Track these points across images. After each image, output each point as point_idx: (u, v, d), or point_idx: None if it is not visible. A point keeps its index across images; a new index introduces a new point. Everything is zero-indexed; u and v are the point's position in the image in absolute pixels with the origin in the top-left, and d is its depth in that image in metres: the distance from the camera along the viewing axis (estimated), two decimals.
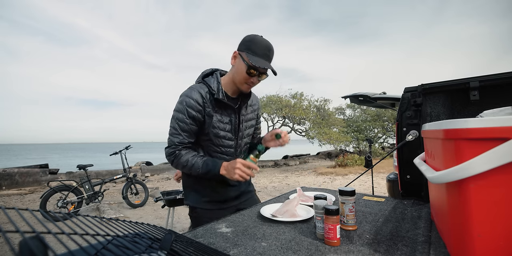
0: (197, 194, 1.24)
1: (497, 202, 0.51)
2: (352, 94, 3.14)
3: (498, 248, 0.51)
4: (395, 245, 0.74)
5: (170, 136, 1.14)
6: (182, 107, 1.11)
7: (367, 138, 5.03)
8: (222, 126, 1.18)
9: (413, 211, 1.05)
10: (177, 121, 1.12)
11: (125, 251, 0.36)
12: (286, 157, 14.16)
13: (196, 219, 1.25)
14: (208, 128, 1.15)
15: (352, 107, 15.13)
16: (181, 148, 1.13)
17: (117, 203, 4.88)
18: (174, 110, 1.15)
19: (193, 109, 1.11)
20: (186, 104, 1.11)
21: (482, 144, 0.50)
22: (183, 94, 1.14)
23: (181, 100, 1.13)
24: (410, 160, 1.13)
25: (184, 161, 1.11)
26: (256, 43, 1.09)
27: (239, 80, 1.14)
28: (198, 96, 1.12)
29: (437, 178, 0.59)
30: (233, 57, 1.15)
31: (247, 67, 1.09)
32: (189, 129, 1.13)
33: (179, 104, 1.13)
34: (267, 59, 1.11)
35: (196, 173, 1.11)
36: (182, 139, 1.12)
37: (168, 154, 1.14)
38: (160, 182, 7.57)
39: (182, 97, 1.13)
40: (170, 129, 1.15)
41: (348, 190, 0.88)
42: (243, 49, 1.10)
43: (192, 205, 1.25)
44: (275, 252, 0.71)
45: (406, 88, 1.34)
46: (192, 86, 1.17)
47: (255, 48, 1.08)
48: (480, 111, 0.88)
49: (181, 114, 1.11)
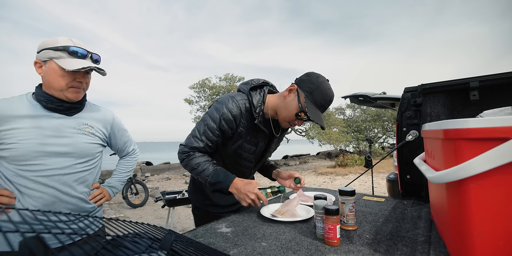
0: (201, 196, 1.24)
1: (497, 202, 0.51)
2: (352, 94, 3.14)
3: (498, 248, 0.51)
4: (395, 245, 0.74)
5: (192, 138, 1.08)
6: (217, 117, 1.04)
7: (367, 138, 5.02)
8: (247, 148, 1.12)
9: (413, 211, 1.05)
10: (206, 127, 1.06)
11: (125, 251, 0.36)
12: (286, 157, 14.16)
13: (198, 217, 1.28)
14: (234, 145, 1.10)
15: (352, 107, 15.14)
16: (197, 151, 1.08)
17: (117, 203, 4.88)
18: (207, 114, 1.08)
19: (227, 123, 1.04)
20: (222, 116, 1.03)
21: (482, 144, 0.50)
22: (223, 102, 1.06)
23: (218, 108, 1.05)
24: (410, 160, 1.13)
25: (195, 164, 1.05)
26: (321, 91, 1.00)
27: (283, 117, 1.07)
28: (237, 111, 1.04)
29: (437, 178, 0.59)
30: (289, 89, 1.05)
31: (299, 110, 1.01)
32: (215, 140, 1.07)
33: (215, 111, 1.05)
34: (323, 110, 1.04)
35: (203, 179, 1.05)
36: (202, 147, 1.07)
37: (182, 152, 1.09)
38: (160, 182, 7.57)
39: (221, 105, 1.05)
40: (194, 131, 1.09)
41: (348, 190, 0.88)
42: (304, 89, 1.01)
43: (196, 204, 1.26)
44: (275, 252, 0.71)
45: (406, 88, 1.34)
46: (234, 96, 1.08)
47: (317, 97, 0.99)
48: (480, 111, 0.88)
49: (213, 123, 1.04)
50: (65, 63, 0.87)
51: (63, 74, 0.88)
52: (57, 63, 0.87)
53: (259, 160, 1.25)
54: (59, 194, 0.91)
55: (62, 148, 0.91)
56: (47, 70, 0.89)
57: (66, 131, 0.94)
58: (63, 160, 0.92)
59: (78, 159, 0.96)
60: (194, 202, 1.28)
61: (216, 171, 1.03)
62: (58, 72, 0.88)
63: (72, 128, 0.95)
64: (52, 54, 0.88)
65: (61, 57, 0.88)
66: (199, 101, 11.74)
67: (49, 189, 0.89)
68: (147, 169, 9.41)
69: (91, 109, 1.05)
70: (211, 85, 11.20)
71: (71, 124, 0.96)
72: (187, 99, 11.70)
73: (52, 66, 0.88)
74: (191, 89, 11.60)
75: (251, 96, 1.08)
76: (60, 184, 0.91)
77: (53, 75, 0.88)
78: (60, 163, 0.91)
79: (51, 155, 0.90)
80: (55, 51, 0.88)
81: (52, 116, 0.92)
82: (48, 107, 0.91)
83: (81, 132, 0.97)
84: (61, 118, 0.94)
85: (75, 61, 0.89)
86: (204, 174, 1.04)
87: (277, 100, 1.09)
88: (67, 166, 0.93)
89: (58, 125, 0.92)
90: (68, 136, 0.94)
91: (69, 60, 0.89)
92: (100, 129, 1.05)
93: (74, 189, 0.95)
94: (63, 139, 0.92)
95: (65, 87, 0.90)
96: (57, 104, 0.92)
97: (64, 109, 0.94)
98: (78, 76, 0.91)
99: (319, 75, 1.05)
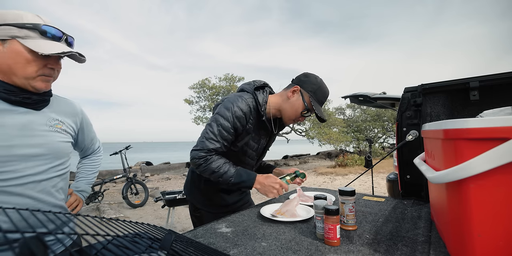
0: (203, 196, 1.25)
1: (497, 202, 0.51)
2: (352, 94, 3.14)
3: (498, 248, 0.51)
4: (395, 245, 0.74)
5: (206, 140, 1.07)
6: (230, 115, 1.07)
7: (367, 138, 5.03)
8: (252, 145, 1.18)
9: (413, 211, 1.05)
10: (220, 127, 1.07)
11: (125, 251, 0.36)
12: (286, 157, 14.16)
13: (199, 219, 1.27)
14: (241, 143, 1.14)
15: (352, 107, 15.14)
16: (214, 154, 1.09)
17: (117, 203, 4.87)
18: (218, 114, 1.09)
19: (240, 121, 1.08)
20: (235, 114, 1.07)
21: (482, 144, 0.50)
22: (232, 101, 1.10)
23: (229, 108, 1.08)
24: (410, 160, 1.13)
25: (216, 167, 1.05)
26: (322, 90, 1.13)
27: (289, 115, 1.15)
28: (248, 109, 1.10)
29: (437, 178, 0.59)
30: (292, 90, 1.13)
31: (304, 108, 1.12)
32: (230, 139, 1.10)
33: (227, 110, 1.08)
34: (322, 104, 1.17)
35: (226, 181, 1.07)
36: (219, 147, 1.08)
37: (198, 157, 1.06)
38: (160, 182, 7.57)
39: (231, 104, 1.09)
40: (207, 133, 1.08)
41: (348, 190, 0.88)
42: (307, 90, 1.11)
43: (196, 206, 1.26)
44: (275, 252, 0.71)
45: (406, 88, 1.34)
46: (242, 95, 1.13)
47: (319, 96, 1.12)
48: (480, 111, 0.88)
49: (227, 122, 1.07)
50: (36, 44, 0.70)
51: (32, 59, 0.71)
52: (23, 44, 0.69)
53: (259, 158, 1.29)
54: (38, 205, 0.76)
55: (33, 150, 0.75)
56: (7, 51, 0.69)
57: (36, 129, 0.77)
58: (36, 163, 0.76)
59: (54, 161, 0.81)
60: (194, 203, 1.27)
61: (237, 171, 1.08)
62: (25, 55, 0.70)
63: (42, 125, 0.79)
64: (16, 32, 0.68)
65: (29, 36, 0.70)
66: (199, 101, 11.74)
67: (25, 199, 0.73)
68: (147, 169, 9.41)
69: (58, 101, 0.88)
70: (211, 85, 11.19)
71: (40, 120, 0.79)
72: (187, 99, 11.70)
73: (15, 47, 0.69)
74: (191, 89, 11.60)
75: (256, 95, 1.14)
76: (37, 193, 0.76)
77: (17, 58, 0.69)
78: (33, 168, 0.75)
79: (21, 159, 0.73)
80: (20, 29, 0.69)
81: (17, 111, 0.74)
82: (9, 100, 0.72)
83: (53, 129, 0.81)
84: (28, 114, 0.76)
85: (49, 43, 0.72)
86: (227, 175, 1.06)
87: (279, 100, 1.17)
88: (42, 171, 0.77)
89: (26, 122, 0.75)
90: (38, 135, 0.77)
91: (41, 41, 0.71)
92: (70, 125, 0.89)
93: (54, 196, 0.81)
94: (34, 138, 0.76)
95: (34, 74, 0.72)
96: (23, 96, 0.74)
97: (32, 102, 0.76)
98: (50, 61, 0.74)
99: (315, 75, 1.15)
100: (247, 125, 1.11)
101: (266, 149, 1.31)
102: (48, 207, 0.80)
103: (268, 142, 1.28)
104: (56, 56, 0.75)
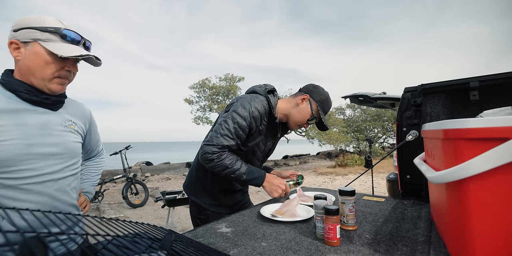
0: (210, 196, 1.25)
1: (497, 202, 0.51)
2: (352, 94, 3.14)
3: (498, 248, 0.51)
4: (395, 245, 0.74)
5: (221, 137, 1.07)
6: (247, 115, 1.10)
7: (367, 138, 5.03)
8: (261, 146, 1.23)
9: (413, 211, 1.05)
10: (236, 125, 1.09)
11: (125, 251, 0.36)
12: (286, 157, 14.16)
13: (204, 221, 1.23)
14: (252, 143, 1.17)
15: (352, 107, 15.14)
16: (227, 150, 1.10)
17: (117, 203, 4.87)
18: (235, 112, 1.10)
19: (255, 121, 1.12)
20: (252, 114, 1.10)
21: (482, 144, 0.50)
22: (250, 101, 1.13)
23: (247, 107, 1.11)
24: (410, 160, 1.13)
25: (229, 163, 1.07)
26: (328, 101, 1.23)
27: (296, 121, 1.21)
28: (263, 111, 1.14)
29: (437, 178, 0.59)
30: (302, 98, 1.19)
31: (312, 116, 1.19)
32: (244, 138, 1.12)
33: (244, 109, 1.10)
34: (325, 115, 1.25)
35: (238, 178, 1.10)
36: (233, 145, 1.10)
37: (211, 152, 1.06)
38: (160, 182, 7.57)
39: (249, 104, 1.12)
40: (223, 129, 1.09)
41: (348, 190, 0.88)
42: (316, 99, 1.19)
43: (203, 206, 1.25)
44: (275, 252, 0.71)
45: (406, 88, 1.34)
46: (257, 96, 1.17)
47: (325, 106, 1.22)
48: (480, 111, 0.88)
49: (244, 121, 1.09)
50: (56, 47, 0.73)
51: (51, 61, 0.74)
52: (44, 46, 0.72)
53: (263, 159, 1.33)
54: (55, 203, 0.78)
55: (51, 149, 0.78)
56: (29, 53, 0.73)
57: (53, 128, 0.80)
58: (53, 162, 0.79)
59: (69, 160, 0.84)
60: (200, 204, 1.24)
61: (249, 168, 1.12)
62: (44, 57, 0.73)
63: (58, 125, 0.82)
64: (38, 35, 0.72)
65: (50, 40, 0.74)
66: (199, 101, 11.74)
67: (43, 197, 0.75)
68: (147, 169, 9.41)
69: (70, 103, 0.92)
70: (211, 85, 11.20)
71: (57, 120, 0.82)
72: (187, 99, 11.70)
73: (36, 49, 0.72)
74: (191, 89, 11.61)
75: (269, 99, 1.18)
76: (54, 191, 0.78)
77: (37, 60, 0.73)
78: (51, 167, 0.78)
79: (40, 157, 0.75)
80: (42, 32, 0.72)
81: (37, 111, 0.77)
82: (30, 100, 0.76)
83: (67, 130, 0.85)
84: (46, 114, 0.80)
85: (68, 47, 0.75)
86: (240, 172, 1.09)
87: (288, 106, 1.23)
88: (59, 170, 0.80)
89: (44, 122, 0.78)
90: (55, 134, 0.80)
91: (60, 44, 0.74)
92: (81, 126, 0.93)
93: (69, 195, 0.83)
94: (51, 138, 0.79)
95: (51, 76, 0.75)
96: (43, 97, 0.77)
97: (51, 103, 0.80)
98: (68, 64, 0.77)
99: (322, 87, 1.25)
100: (260, 126, 1.15)
101: (271, 152, 1.34)
102: (64, 206, 0.82)
103: (274, 145, 1.33)
104: (74, 59, 0.79)
